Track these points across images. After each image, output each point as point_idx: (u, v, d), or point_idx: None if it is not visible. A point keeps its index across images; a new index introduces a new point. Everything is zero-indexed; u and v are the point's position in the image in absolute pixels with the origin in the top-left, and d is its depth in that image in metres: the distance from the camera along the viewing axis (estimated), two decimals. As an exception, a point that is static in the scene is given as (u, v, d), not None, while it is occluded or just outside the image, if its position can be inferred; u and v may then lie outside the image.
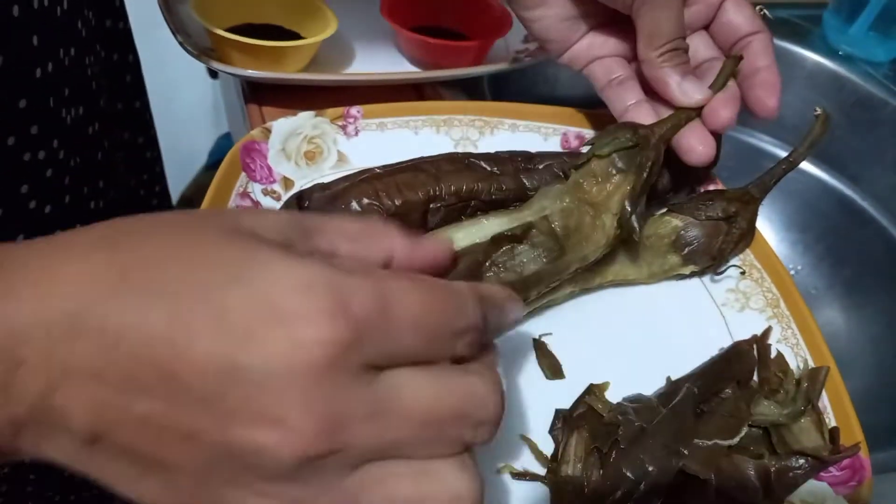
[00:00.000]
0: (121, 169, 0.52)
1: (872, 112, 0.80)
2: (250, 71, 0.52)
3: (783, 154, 0.45)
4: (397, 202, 0.40)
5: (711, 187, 0.48)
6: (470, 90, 0.59)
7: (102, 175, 0.45)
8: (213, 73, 1.00)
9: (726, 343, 0.41)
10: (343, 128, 0.47)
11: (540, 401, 0.37)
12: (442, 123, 0.50)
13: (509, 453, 0.35)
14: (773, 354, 0.40)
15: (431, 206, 0.41)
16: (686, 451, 0.34)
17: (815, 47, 0.83)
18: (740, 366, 0.39)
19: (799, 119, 0.85)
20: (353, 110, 0.47)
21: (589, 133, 0.51)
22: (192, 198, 1.27)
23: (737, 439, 0.35)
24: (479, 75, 0.57)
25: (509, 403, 0.37)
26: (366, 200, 0.40)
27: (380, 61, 0.59)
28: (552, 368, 0.39)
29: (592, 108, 0.51)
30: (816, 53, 0.83)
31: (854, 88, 0.80)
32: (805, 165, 0.81)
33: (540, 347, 0.40)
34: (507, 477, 0.34)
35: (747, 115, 0.85)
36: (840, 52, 0.82)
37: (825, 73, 0.82)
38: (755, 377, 0.39)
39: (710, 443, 0.34)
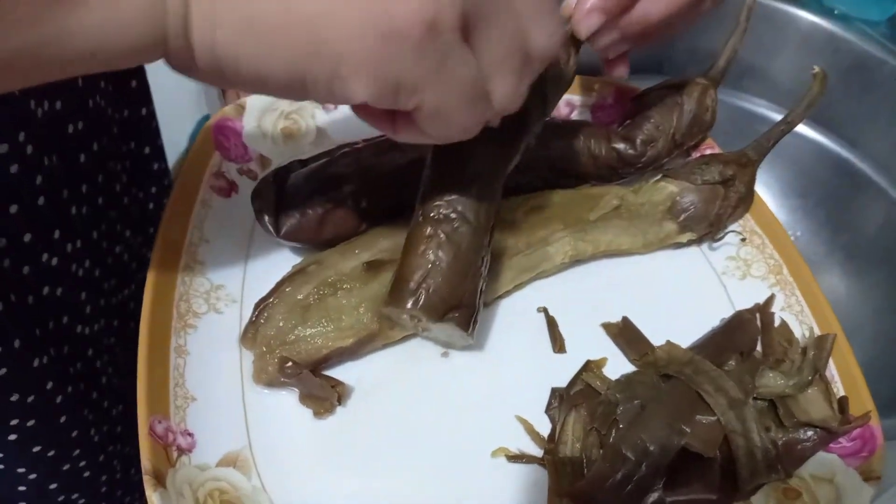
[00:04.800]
0: (123, 179, 0.49)
1: (869, 73, 0.78)
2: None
3: (778, 118, 0.43)
4: (383, 173, 0.37)
5: (708, 151, 0.46)
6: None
7: (87, 180, 0.43)
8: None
9: (727, 313, 0.39)
10: (320, 101, 0.45)
11: (535, 379, 0.35)
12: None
13: (504, 435, 0.34)
14: (777, 323, 0.38)
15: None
16: (688, 429, 0.32)
17: (810, 7, 0.80)
18: (743, 336, 0.37)
19: (794, 82, 0.83)
20: (331, 82, 0.45)
21: (576, 99, 0.49)
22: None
23: (742, 413, 0.33)
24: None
25: (503, 382, 0.35)
26: (348, 173, 0.38)
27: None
28: (558, 343, 0.37)
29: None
30: (811, 13, 0.80)
31: (850, 49, 0.78)
32: (802, 129, 0.79)
33: (550, 321, 0.38)
34: (502, 460, 0.33)
35: (741, 78, 0.82)
36: (836, 12, 0.80)
37: (820, 34, 0.80)
38: (758, 347, 0.38)
39: (713, 419, 0.32)
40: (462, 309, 0.32)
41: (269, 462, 0.32)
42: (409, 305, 0.31)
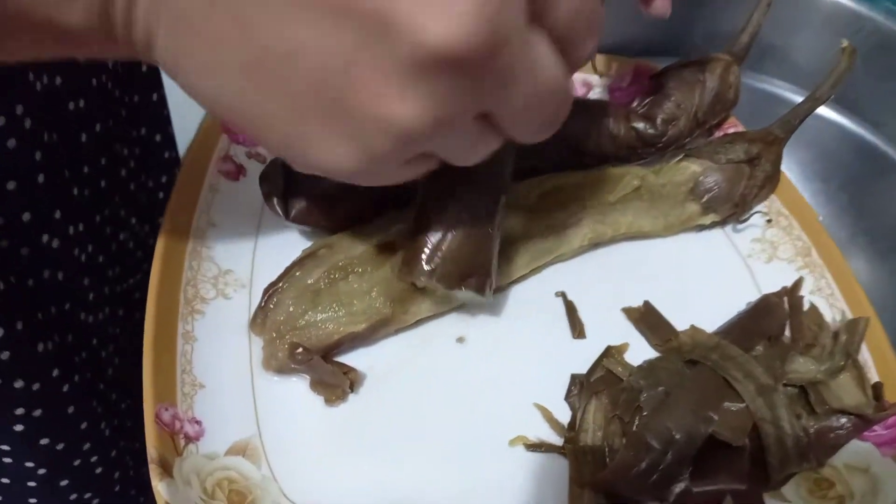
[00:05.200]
0: (130, 164, 0.48)
1: (895, 54, 0.75)
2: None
3: (799, 100, 0.41)
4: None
5: (731, 130, 0.44)
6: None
7: (89, 161, 0.42)
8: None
9: (753, 297, 0.38)
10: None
11: (554, 365, 0.34)
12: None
13: (522, 423, 0.32)
14: (806, 307, 0.37)
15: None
16: (715, 416, 0.30)
17: (832, -15, 0.78)
18: (770, 320, 0.36)
19: (816, 62, 0.81)
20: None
21: (595, 79, 0.47)
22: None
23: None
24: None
25: (520, 368, 0.34)
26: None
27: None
28: (578, 328, 0.36)
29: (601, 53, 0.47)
30: (833, -8, 0.78)
31: (876, 28, 0.76)
32: (823, 111, 0.77)
33: (569, 306, 0.37)
34: (520, 449, 0.32)
35: (761, 60, 0.80)
36: (859, -10, 0.77)
37: (843, 12, 0.78)
38: (787, 333, 0.36)
39: (741, 406, 0.31)
40: (477, 276, 0.31)
41: (279, 451, 0.31)
42: (423, 278, 0.30)
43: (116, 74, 0.44)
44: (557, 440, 0.32)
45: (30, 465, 0.42)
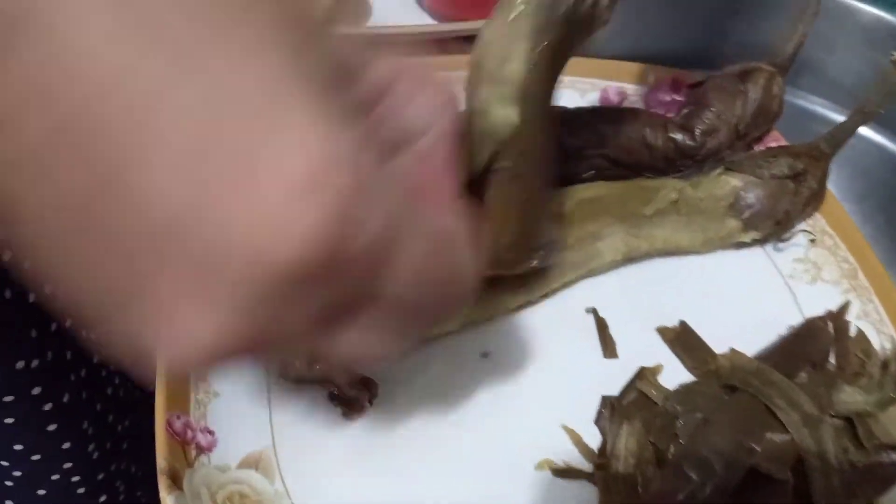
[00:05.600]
0: None
1: (936, 70, 0.73)
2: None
3: (836, 118, 0.40)
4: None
5: (773, 144, 0.42)
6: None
7: None
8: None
9: (796, 320, 0.36)
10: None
11: (583, 385, 0.32)
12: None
13: (549, 446, 0.31)
14: (853, 332, 0.35)
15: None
16: (758, 447, 0.29)
17: (873, -1, 0.76)
18: (814, 346, 0.34)
19: (855, 78, 0.78)
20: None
21: (631, 88, 0.46)
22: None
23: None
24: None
25: (548, 388, 0.33)
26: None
27: (398, 14, 0.54)
28: (609, 347, 0.34)
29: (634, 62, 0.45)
30: (873, 6, 0.75)
31: (918, 44, 0.73)
32: (860, 129, 0.75)
33: (600, 323, 0.35)
34: (546, 474, 0.30)
35: (796, 74, 0.78)
36: (901, 4, 0.75)
37: (884, 27, 0.75)
38: (831, 359, 0.34)
39: (785, 437, 0.29)
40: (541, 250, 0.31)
41: (294, 465, 0.29)
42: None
43: None
44: (586, 466, 0.30)
45: (5, 463, 0.41)
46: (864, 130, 0.75)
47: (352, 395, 0.31)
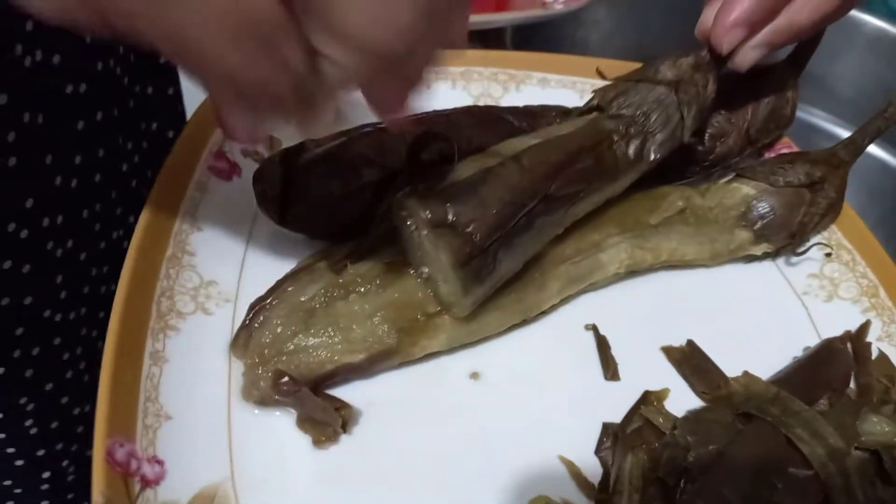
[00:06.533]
0: (134, 159, 0.44)
1: (940, 83, 0.71)
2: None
3: (839, 131, 0.37)
4: (403, 157, 0.32)
5: (785, 150, 0.39)
6: (490, 44, 0.51)
7: (83, 150, 0.38)
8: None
9: (811, 341, 0.33)
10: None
11: (582, 411, 0.29)
12: (459, 77, 0.43)
13: (545, 479, 0.27)
14: (875, 355, 0.32)
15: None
16: (779, 484, 0.25)
17: (876, 10, 0.74)
18: (834, 370, 0.31)
19: (857, 91, 0.76)
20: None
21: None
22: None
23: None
24: (504, 25, 0.49)
25: (544, 413, 0.29)
26: (370, 156, 0.32)
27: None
28: (611, 368, 0.31)
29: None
30: (877, 17, 0.74)
31: (921, 56, 0.72)
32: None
33: (601, 341, 0.32)
34: (541, 511, 0.27)
35: (799, 87, 0.76)
36: (905, 17, 0.73)
37: (887, 39, 0.73)
38: (851, 384, 0.31)
39: (808, 472, 0.26)
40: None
41: (255, 499, 0.26)
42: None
43: (127, 61, 0.41)
44: (586, 502, 0.27)
45: None
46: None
47: (323, 420, 0.27)
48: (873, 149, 0.74)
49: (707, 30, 0.32)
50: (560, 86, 0.43)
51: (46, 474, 0.45)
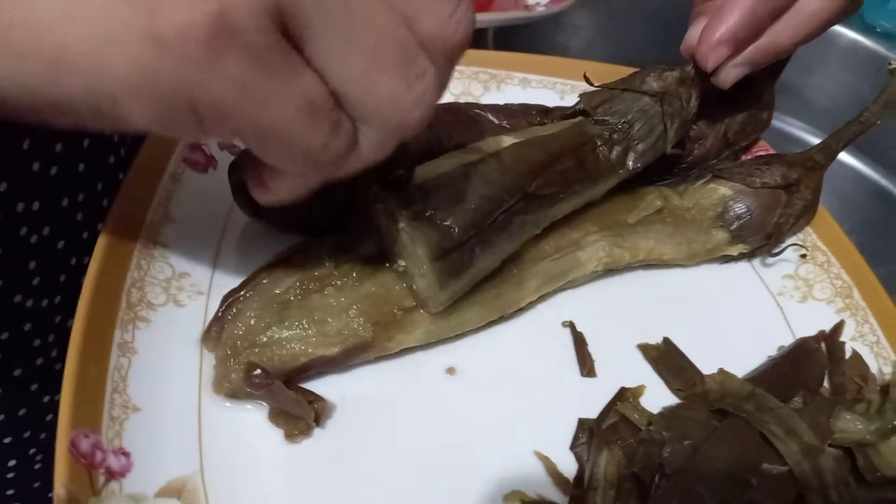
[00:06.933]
0: (122, 152, 0.43)
1: (913, 96, 0.73)
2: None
3: (815, 140, 0.38)
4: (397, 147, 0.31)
5: (761, 153, 0.40)
6: (472, 44, 0.51)
7: (66, 139, 0.37)
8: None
9: (785, 340, 0.33)
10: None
11: (558, 407, 0.29)
12: (439, 75, 0.42)
13: (520, 475, 0.27)
14: (848, 354, 0.32)
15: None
16: (754, 480, 0.25)
17: (851, 23, 0.75)
18: (809, 369, 0.31)
19: (831, 102, 0.78)
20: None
21: (613, 92, 0.43)
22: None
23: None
24: (486, 25, 0.49)
25: (520, 409, 0.29)
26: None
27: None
28: (588, 365, 0.31)
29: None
30: (852, 30, 0.75)
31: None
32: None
33: (578, 338, 0.32)
34: (516, 507, 0.26)
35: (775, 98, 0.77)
36: (878, 29, 0.75)
37: (861, 52, 0.75)
38: (825, 383, 0.31)
39: (783, 469, 0.26)
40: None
41: (225, 493, 0.25)
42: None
43: None
44: (561, 498, 0.27)
45: None
46: (844, 156, 0.74)
47: (296, 414, 0.27)
48: (850, 160, 0.75)
49: (692, 47, 0.33)
50: (541, 86, 0.43)
51: (12, 462, 0.44)
